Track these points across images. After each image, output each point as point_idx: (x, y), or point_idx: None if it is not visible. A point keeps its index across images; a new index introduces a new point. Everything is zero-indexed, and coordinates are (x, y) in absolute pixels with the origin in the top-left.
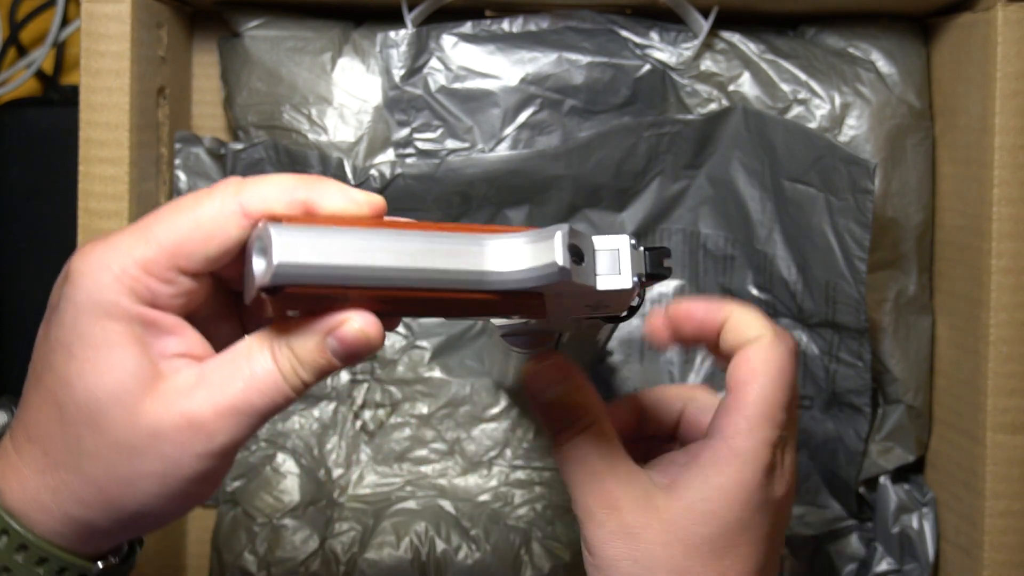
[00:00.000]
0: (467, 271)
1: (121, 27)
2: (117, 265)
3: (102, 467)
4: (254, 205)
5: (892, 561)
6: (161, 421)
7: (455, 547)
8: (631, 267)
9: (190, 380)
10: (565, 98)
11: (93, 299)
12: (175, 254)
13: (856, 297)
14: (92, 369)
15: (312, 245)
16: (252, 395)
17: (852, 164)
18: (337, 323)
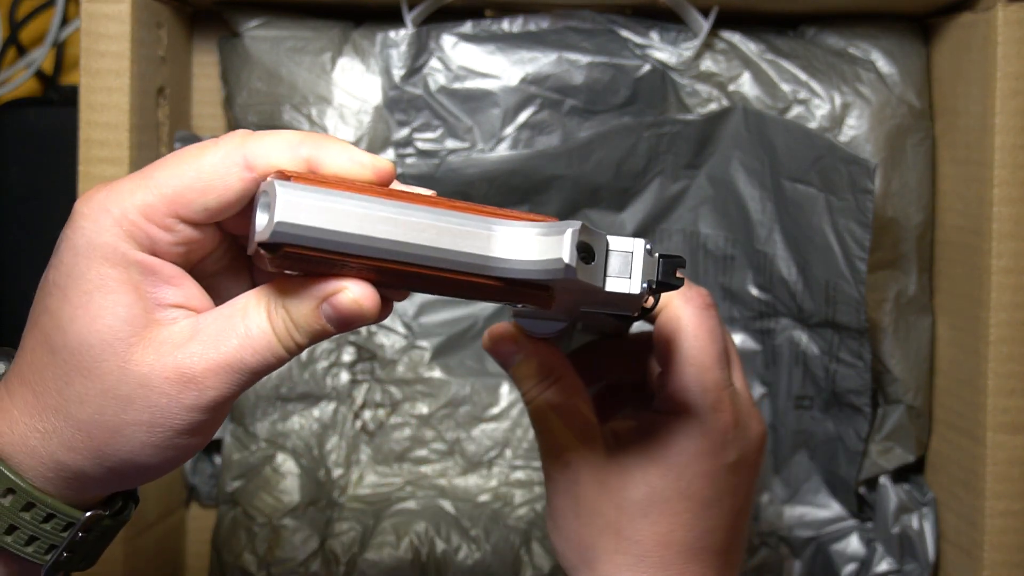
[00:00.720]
0: (471, 254)
1: (121, 27)
2: (117, 209)
3: (91, 413)
4: (258, 159)
5: (892, 561)
6: (152, 371)
7: (455, 547)
8: (642, 272)
9: (184, 331)
10: (565, 98)
11: (91, 242)
12: (174, 201)
13: (856, 297)
14: (85, 313)
15: (315, 207)
16: (245, 353)
17: (852, 164)
18: (333, 290)
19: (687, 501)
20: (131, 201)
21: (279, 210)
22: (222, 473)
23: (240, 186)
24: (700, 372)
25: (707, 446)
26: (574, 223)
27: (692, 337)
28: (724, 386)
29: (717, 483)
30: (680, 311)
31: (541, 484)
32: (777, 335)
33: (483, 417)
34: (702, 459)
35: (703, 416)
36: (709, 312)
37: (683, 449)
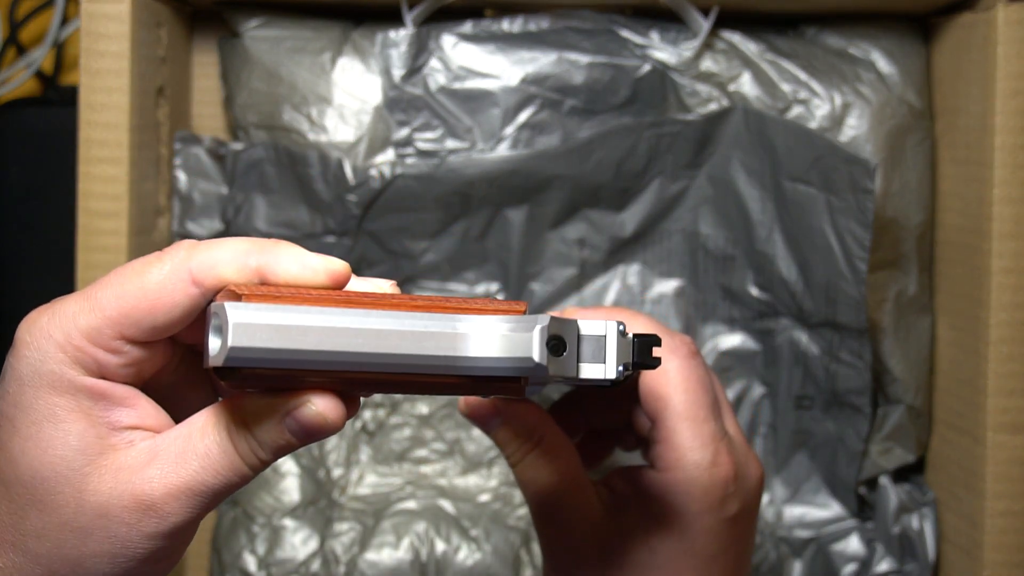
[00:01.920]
0: (436, 356)
1: (121, 27)
2: (60, 334)
3: (50, 547)
4: (204, 273)
5: (892, 561)
6: (110, 500)
7: (455, 547)
8: (616, 356)
9: (142, 455)
10: (565, 98)
11: (36, 371)
12: (120, 323)
13: (856, 297)
14: (35, 445)
15: (269, 327)
16: (207, 475)
17: (852, 164)
18: (295, 405)
19: (691, 559)
20: (74, 325)
21: (232, 335)
22: None
23: (188, 303)
24: (695, 426)
25: (708, 503)
26: (543, 317)
27: (682, 391)
28: (720, 437)
29: (720, 537)
30: (666, 364)
31: None
32: (777, 335)
33: None
34: (704, 516)
35: (702, 472)
36: (695, 361)
37: (684, 508)
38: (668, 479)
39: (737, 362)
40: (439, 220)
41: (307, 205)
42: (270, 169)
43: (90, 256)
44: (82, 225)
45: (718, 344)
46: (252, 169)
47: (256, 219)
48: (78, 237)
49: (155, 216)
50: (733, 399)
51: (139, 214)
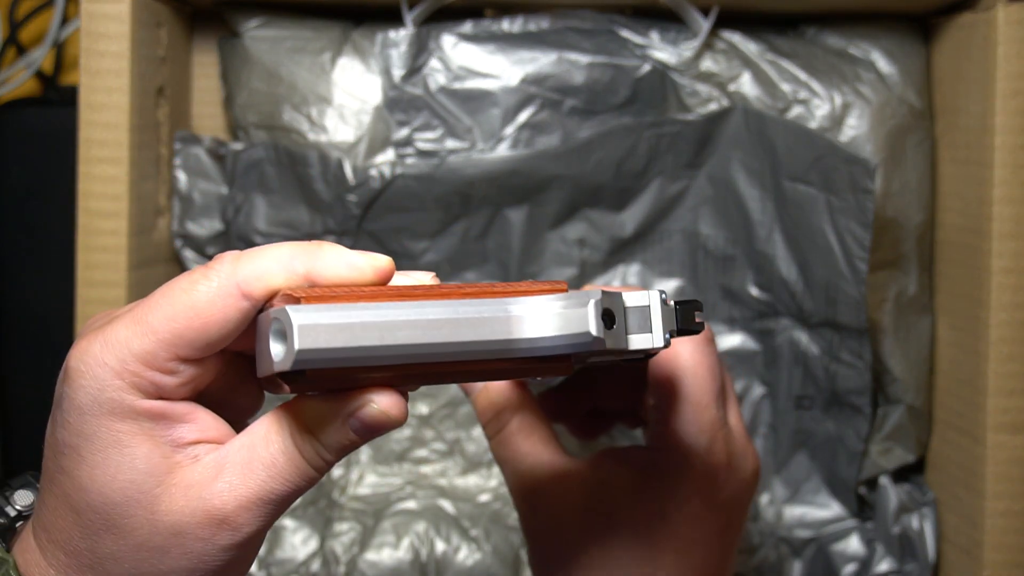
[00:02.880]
0: (495, 341)
1: (121, 27)
2: (116, 361)
3: (127, 568)
4: (252, 284)
5: (892, 561)
6: (183, 519)
7: (455, 547)
8: (662, 324)
9: (209, 470)
10: (565, 98)
11: (95, 399)
12: (174, 344)
13: (856, 297)
14: (103, 472)
15: (332, 327)
16: (275, 483)
17: (853, 164)
18: (359, 404)
19: (673, 541)
20: (128, 350)
21: (299, 338)
22: None
23: (239, 316)
24: (697, 411)
25: (697, 488)
26: (594, 293)
27: (691, 375)
28: (720, 426)
29: (704, 524)
30: (680, 346)
31: None
32: (777, 335)
33: None
34: (691, 501)
35: (696, 457)
36: (709, 348)
37: (673, 491)
38: (661, 459)
39: (737, 362)
40: (439, 220)
41: (307, 205)
42: (270, 169)
43: (90, 256)
44: (82, 225)
45: (718, 344)
46: (252, 169)
47: (256, 219)
48: (78, 237)
49: (155, 216)
50: None
51: (139, 214)
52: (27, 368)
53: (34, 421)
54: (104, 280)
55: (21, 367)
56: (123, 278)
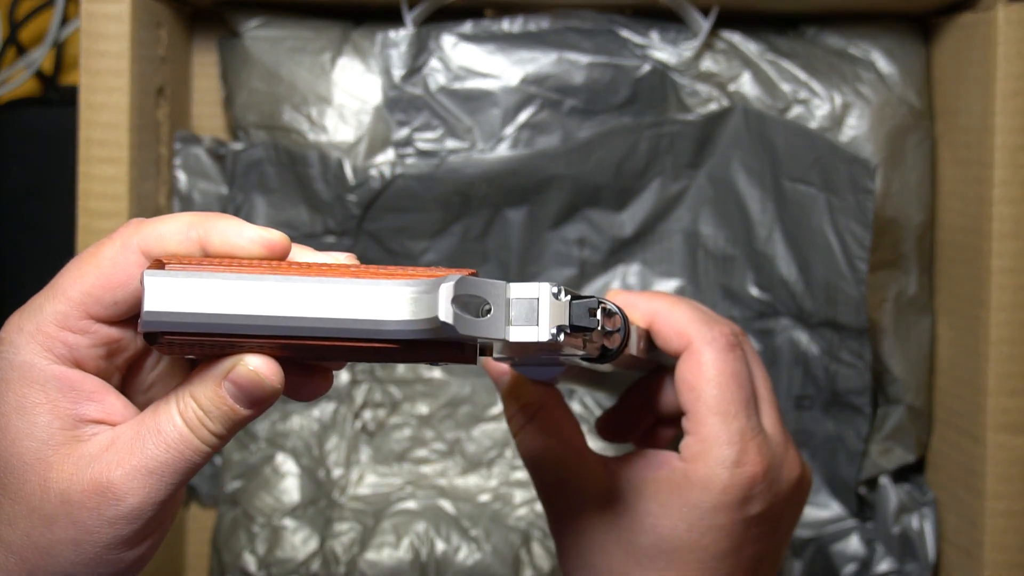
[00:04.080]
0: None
1: (121, 27)
2: (31, 324)
3: (19, 535)
4: (151, 246)
5: (892, 561)
6: (71, 487)
7: (455, 547)
8: (550, 318)
9: (102, 443)
10: (565, 98)
11: (9, 363)
12: (83, 303)
13: (856, 297)
14: (7, 435)
15: (185, 292)
16: (160, 452)
17: (853, 164)
18: (230, 365)
19: (698, 552)
20: (42, 314)
21: (147, 299)
22: (222, 473)
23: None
24: (724, 422)
25: (727, 500)
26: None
27: (715, 384)
28: (751, 436)
29: (734, 535)
30: (702, 355)
31: None
32: (777, 335)
33: (483, 417)
34: (719, 513)
35: (725, 469)
36: (734, 354)
37: (699, 503)
38: (689, 470)
39: None
40: (439, 220)
41: (307, 205)
42: (270, 169)
43: None
44: (82, 225)
45: None
46: (252, 169)
47: (256, 219)
48: (78, 237)
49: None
50: None
51: (139, 214)
52: None
53: None
54: None
55: None
56: None
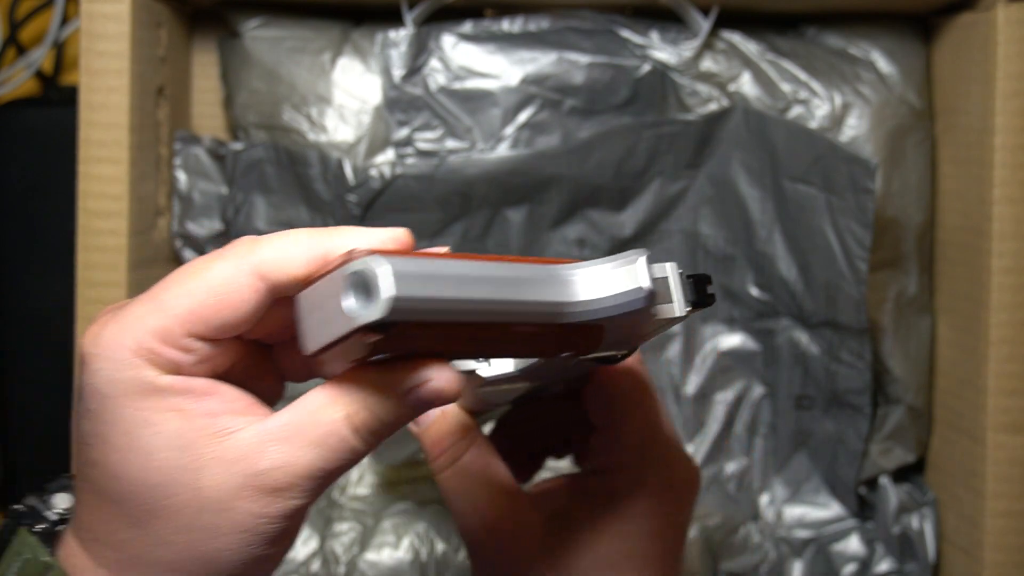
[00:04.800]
0: (559, 303)
1: (120, 27)
2: (131, 339)
3: (179, 551)
4: (269, 267)
5: (892, 561)
6: (230, 493)
7: (455, 547)
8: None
9: (252, 442)
10: (565, 98)
11: (114, 380)
12: (189, 321)
13: (857, 297)
14: (137, 455)
15: (421, 276)
16: (325, 459)
17: (853, 164)
18: (417, 382)
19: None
20: (143, 328)
21: (396, 285)
22: None
23: (255, 298)
24: (653, 428)
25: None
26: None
27: (640, 391)
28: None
29: (665, 539)
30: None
31: None
32: (777, 335)
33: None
34: (651, 518)
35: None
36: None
37: (632, 512)
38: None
39: (737, 362)
40: (439, 220)
41: (307, 205)
42: (270, 169)
43: (90, 256)
44: (82, 225)
45: (718, 344)
46: (252, 169)
47: (256, 219)
48: (78, 237)
49: (155, 216)
50: (733, 399)
51: (139, 214)
52: (27, 368)
53: (34, 421)
54: (104, 280)
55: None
56: (123, 278)
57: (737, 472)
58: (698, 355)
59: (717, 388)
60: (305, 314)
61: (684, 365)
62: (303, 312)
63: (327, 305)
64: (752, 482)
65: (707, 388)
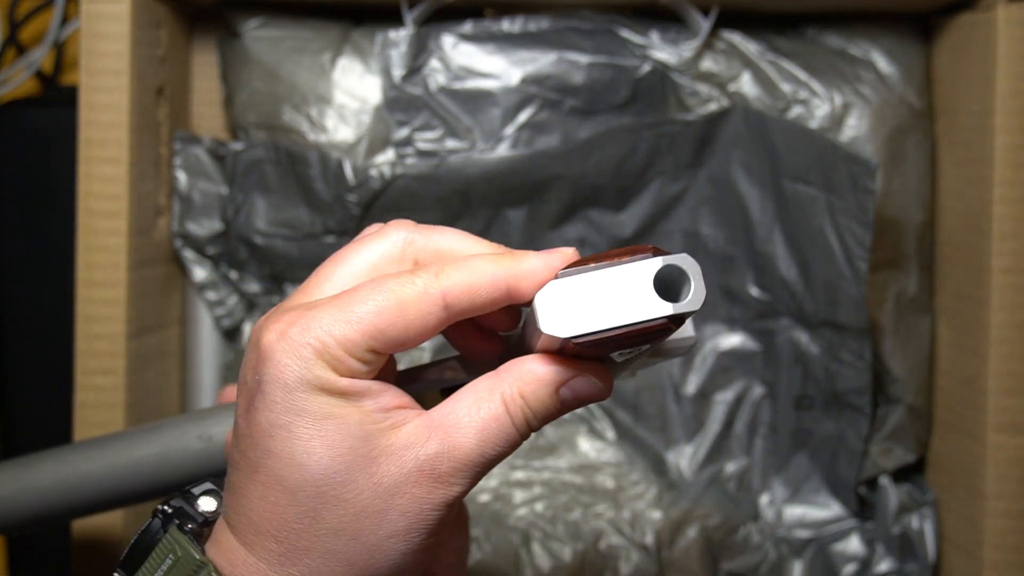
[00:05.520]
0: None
1: (121, 27)
2: (318, 342)
3: (347, 540)
4: (457, 296)
5: (892, 561)
6: (400, 479)
7: None
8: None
9: (419, 432)
10: (565, 98)
11: (301, 377)
12: (374, 337)
13: (857, 297)
14: (321, 443)
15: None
16: (486, 447)
17: (853, 164)
18: (573, 374)
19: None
20: (330, 335)
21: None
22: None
23: (436, 324)
24: None
25: None
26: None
27: None
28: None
29: None
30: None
31: (541, 484)
32: (777, 335)
33: None
34: None
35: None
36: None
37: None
38: None
39: (737, 362)
40: (439, 220)
41: (307, 205)
42: (270, 169)
43: (90, 256)
44: (82, 225)
45: (718, 344)
46: (252, 169)
47: (256, 219)
48: (78, 237)
49: (155, 216)
50: (733, 399)
51: (139, 214)
52: (27, 368)
53: (35, 420)
54: (104, 280)
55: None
56: (123, 278)
57: (737, 472)
58: (698, 355)
59: (717, 388)
60: (569, 298)
61: (684, 365)
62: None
63: (618, 293)
64: (752, 482)
65: (707, 388)
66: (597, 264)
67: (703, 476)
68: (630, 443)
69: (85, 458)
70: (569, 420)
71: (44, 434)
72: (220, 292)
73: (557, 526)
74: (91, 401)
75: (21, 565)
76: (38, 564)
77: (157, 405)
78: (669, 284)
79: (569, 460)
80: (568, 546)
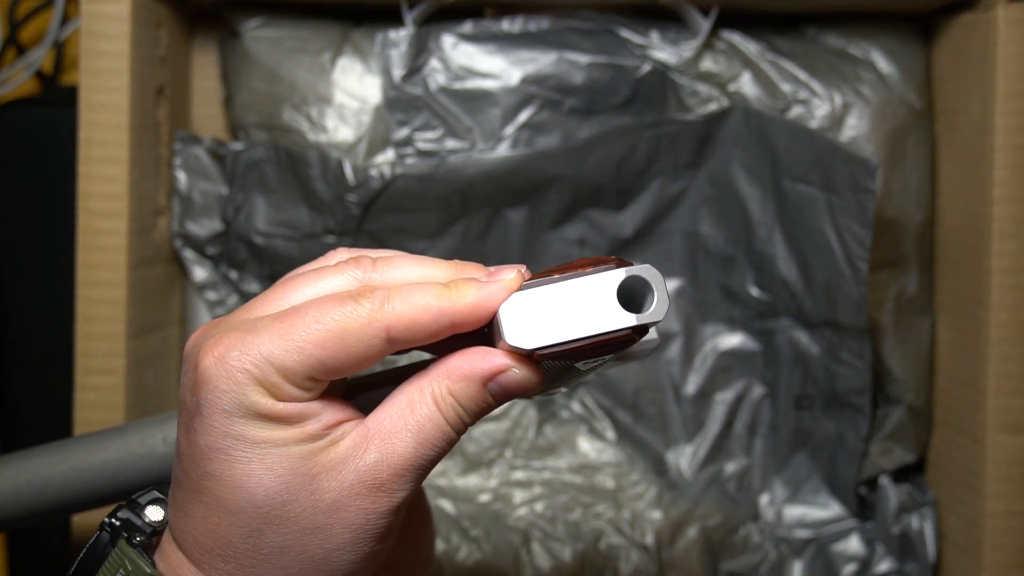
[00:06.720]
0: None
1: (121, 27)
2: (256, 369)
3: (294, 556)
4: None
5: (892, 561)
6: (341, 493)
7: (455, 547)
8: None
9: (356, 443)
10: (565, 98)
11: (238, 402)
12: (315, 368)
13: (857, 297)
14: (260, 466)
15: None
16: (424, 448)
17: (853, 164)
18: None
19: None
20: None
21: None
22: None
23: (377, 356)
24: None
25: None
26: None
27: None
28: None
29: None
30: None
31: (541, 484)
32: (777, 335)
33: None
34: None
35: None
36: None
37: None
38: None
39: (737, 362)
40: (439, 220)
41: (307, 205)
42: (270, 169)
43: (90, 256)
44: (82, 225)
45: (718, 344)
46: (252, 169)
47: (256, 219)
48: (78, 237)
49: (155, 216)
50: (733, 399)
51: (139, 214)
52: (27, 368)
53: (35, 420)
54: (104, 280)
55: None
56: (123, 278)
57: (737, 472)
58: (698, 355)
59: (717, 388)
60: (533, 310)
61: (684, 365)
62: (524, 308)
63: (582, 304)
64: (752, 482)
65: (707, 388)
66: (561, 275)
67: (703, 476)
68: (630, 443)
69: (47, 462)
70: (569, 420)
71: (44, 434)
72: (220, 292)
73: (557, 526)
74: (91, 401)
75: (21, 563)
76: (38, 562)
77: (157, 405)
78: (632, 295)
79: (569, 460)
80: (568, 546)
